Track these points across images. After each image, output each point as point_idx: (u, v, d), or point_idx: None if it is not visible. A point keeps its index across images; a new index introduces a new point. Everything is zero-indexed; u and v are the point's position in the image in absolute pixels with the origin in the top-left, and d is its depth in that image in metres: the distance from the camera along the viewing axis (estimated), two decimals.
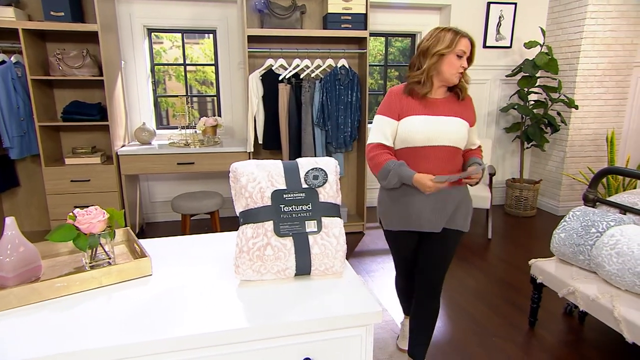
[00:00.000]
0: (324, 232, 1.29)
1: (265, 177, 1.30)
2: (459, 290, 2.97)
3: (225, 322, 1.05)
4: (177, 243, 1.57)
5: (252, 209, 1.26)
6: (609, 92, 4.43)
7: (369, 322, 1.13)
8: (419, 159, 1.83)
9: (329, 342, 1.12)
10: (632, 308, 1.92)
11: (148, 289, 1.22)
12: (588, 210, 2.26)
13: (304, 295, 1.19)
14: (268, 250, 1.23)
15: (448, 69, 1.78)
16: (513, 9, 4.57)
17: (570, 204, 4.60)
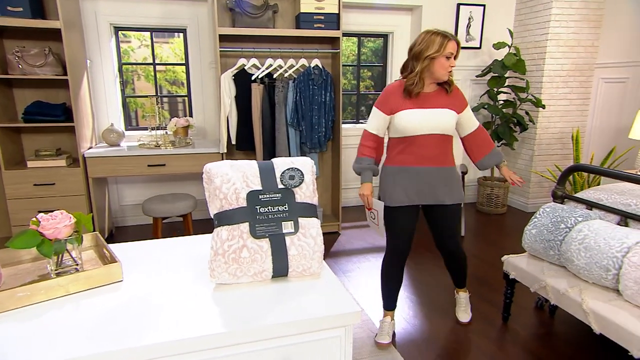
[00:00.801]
0: (301, 232, 1.27)
1: (240, 178, 1.28)
2: (433, 287, 3.01)
3: (201, 328, 1.02)
4: (148, 247, 1.52)
5: (227, 210, 1.24)
6: (574, 92, 4.59)
7: (348, 322, 1.13)
8: (411, 146, 2.18)
9: (309, 344, 1.11)
10: (599, 300, 1.99)
11: (119, 295, 1.17)
12: (557, 207, 2.33)
13: (281, 297, 1.17)
14: (244, 252, 1.21)
15: (439, 69, 2.07)
16: (482, 11, 4.67)
17: (539, 200, 4.74)
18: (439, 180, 2.22)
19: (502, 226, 4.33)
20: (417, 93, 2.12)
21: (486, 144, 2.33)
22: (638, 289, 1.86)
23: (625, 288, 1.90)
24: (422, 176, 2.20)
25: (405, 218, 2.27)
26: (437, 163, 2.21)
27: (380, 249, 3.73)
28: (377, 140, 2.27)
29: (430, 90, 2.17)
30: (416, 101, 2.13)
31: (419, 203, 2.25)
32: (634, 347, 1.80)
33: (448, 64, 2.06)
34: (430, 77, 2.12)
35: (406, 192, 2.22)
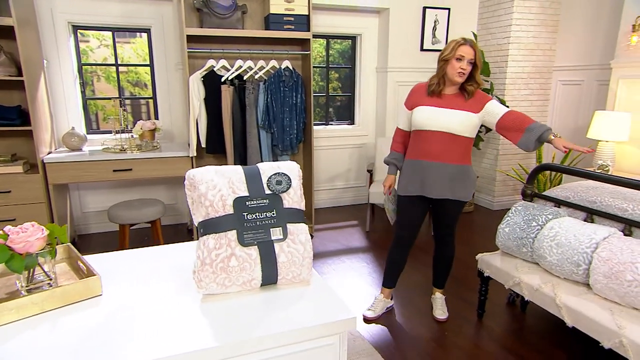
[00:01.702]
0: (289, 239, 1.24)
1: (225, 184, 1.23)
2: (409, 286, 3.04)
3: (191, 343, 0.97)
4: (126, 257, 1.45)
5: (213, 218, 1.19)
6: (534, 94, 4.78)
7: (342, 329, 1.11)
8: (421, 140, 2.35)
9: (303, 353, 1.08)
10: (571, 295, 2.06)
11: (99, 311, 1.10)
12: (528, 205, 2.40)
13: (273, 306, 1.14)
14: (232, 261, 1.17)
15: (450, 70, 2.23)
16: (447, 14, 4.78)
17: (504, 199, 4.90)
18: (443, 175, 2.31)
19: (471, 225, 4.44)
20: (438, 93, 2.31)
21: (518, 124, 2.22)
22: (607, 283, 1.94)
23: (595, 282, 1.98)
24: (426, 169, 2.34)
25: (411, 209, 2.47)
26: (442, 159, 2.30)
27: (355, 249, 3.74)
28: (405, 134, 2.51)
29: (451, 93, 2.32)
30: (435, 100, 2.32)
31: (422, 194, 2.38)
32: (604, 338, 1.88)
33: (458, 65, 2.20)
34: (447, 78, 2.27)
35: (413, 182, 2.39)
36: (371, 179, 4.39)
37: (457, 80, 2.24)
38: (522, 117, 2.24)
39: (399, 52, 4.71)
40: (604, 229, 2.07)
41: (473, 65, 2.22)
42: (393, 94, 4.80)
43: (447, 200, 2.37)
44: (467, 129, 2.28)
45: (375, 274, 3.29)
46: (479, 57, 2.23)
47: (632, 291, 1.86)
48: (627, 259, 1.89)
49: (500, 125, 2.27)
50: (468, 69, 2.21)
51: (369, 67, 4.91)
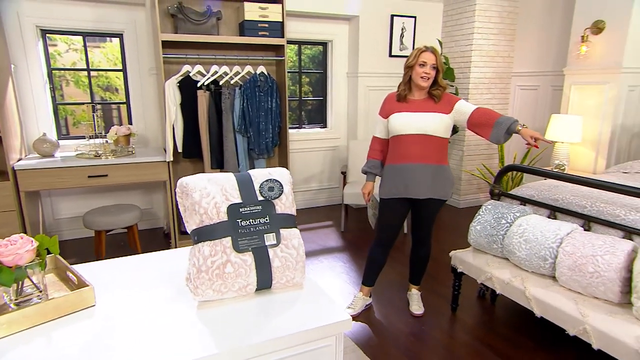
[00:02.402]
0: (283, 244, 1.24)
1: (219, 192, 1.21)
2: (386, 284, 3.08)
3: (192, 350, 0.95)
4: (114, 266, 1.40)
5: (208, 225, 1.17)
6: (495, 98, 4.94)
7: (339, 331, 1.11)
8: (400, 144, 2.40)
9: (302, 355, 1.08)
10: (539, 287, 2.15)
11: (94, 322, 1.07)
12: (497, 204, 2.49)
13: (269, 311, 1.13)
14: (228, 267, 1.15)
15: (415, 75, 2.33)
16: (413, 22, 4.88)
17: (469, 197, 5.04)
18: (424, 175, 2.37)
19: (439, 222, 4.54)
20: (406, 98, 2.39)
21: (486, 119, 2.28)
22: (571, 275, 2.03)
23: (561, 275, 2.08)
24: (408, 172, 2.38)
25: (394, 211, 2.50)
26: (422, 160, 2.36)
27: (331, 249, 3.75)
28: (382, 142, 2.56)
29: (419, 97, 2.40)
30: (406, 106, 2.39)
31: (406, 196, 2.41)
32: (569, 326, 1.97)
33: (422, 70, 2.29)
34: (414, 84, 2.36)
35: (396, 186, 2.42)
36: (345, 181, 4.42)
37: (422, 84, 2.32)
38: (489, 113, 2.31)
39: (369, 58, 4.77)
40: (567, 225, 2.16)
41: (436, 70, 2.31)
42: (364, 98, 4.85)
43: (429, 199, 2.42)
44: (441, 129, 2.35)
45: (353, 272, 3.32)
46: (440, 62, 2.32)
47: (594, 282, 1.96)
48: (588, 252, 1.98)
49: (470, 122, 2.34)
50: (432, 73, 2.30)
51: (340, 72, 4.94)
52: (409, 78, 2.37)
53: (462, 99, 2.41)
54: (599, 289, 1.95)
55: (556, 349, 2.34)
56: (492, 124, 2.26)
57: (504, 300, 2.82)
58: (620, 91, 3.65)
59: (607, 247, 1.96)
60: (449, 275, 2.80)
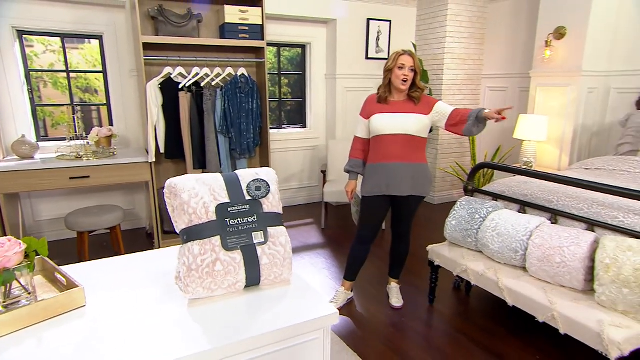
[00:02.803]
0: (270, 242, 1.24)
1: (207, 192, 1.21)
2: (366, 279, 3.11)
3: (184, 347, 0.95)
4: (102, 266, 1.38)
5: (197, 225, 1.17)
6: (467, 99, 5.05)
7: (326, 324, 1.13)
8: (382, 144, 2.44)
9: (291, 349, 1.09)
10: (511, 278, 2.21)
11: (85, 322, 1.05)
12: (471, 200, 2.55)
13: (259, 307, 1.14)
14: (218, 265, 1.15)
15: (394, 78, 2.37)
16: (389, 26, 4.93)
17: (443, 193, 5.14)
18: (405, 174, 2.40)
19: (416, 219, 4.58)
20: (387, 100, 2.44)
21: (461, 117, 2.32)
22: (540, 266, 2.11)
23: (531, 265, 2.15)
24: (390, 170, 2.41)
25: (374, 209, 2.54)
26: (402, 159, 2.40)
27: (313, 246, 3.77)
28: (363, 142, 2.57)
29: (399, 99, 2.44)
30: (387, 107, 2.43)
31: (388, 194, 2.45)
32: (539, 313, 2.04)
33: (401, 73, 2.33)
34: (394, 86, 2.40)
35: (378, 184, 2.45)
36: (325, 179, 4.44)
37: (401, 86, 2.36)
38: (463, 111, 2.37)
39: (346, 60, 4.80)
40: (536, 219, 2.24)
41: (414, 72, 2.36)
42: (342, 99, 4.88)
43: (409, 197, 2.45)
44: (420, 129, 2.40)
45: (334, 268, 3.34)
46: (417, 64, 2.36)
47: (561, 272, 2.04)
48: (556, 244, 2.06)
49: (448, 123, 2.38)
50: (410, 75, 2.35)
51: (319, 73, 4.96)
52: (388, 81, 2.41)
53: (440, 101, 2.45)
54: (565, 278, 2.03)
55: (527, 335, 2.42)
56: (465, 120, 2.32)
57: (478, 291, 2.90)
58: (581, 93, 3.79)
59: (572, 238, 2.04)
60: (426, 268, 2.86)
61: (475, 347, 2.34)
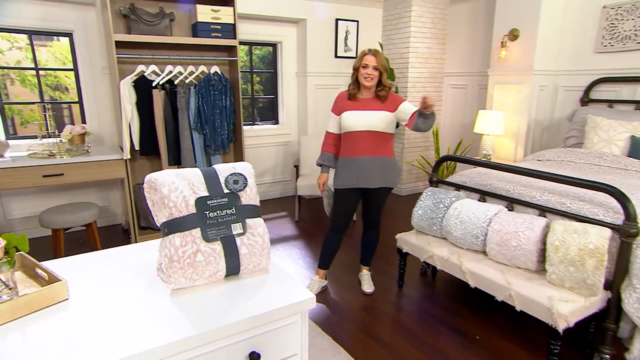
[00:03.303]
0: (249, 232, 1.26)
1: (186, 186, 1.21)
2: (339, 267, 3.16)
3: (170, 334, 0.96)
4: (80, 262, 1.36)
5: (178, 218, 1.17)
6: (431, 95, 5.16)
7: (304, 308, 1.16)
8: (352, 140, 2.49)
9: (271, 333, 1.12)
10: (473, 262, 2.31)
11: (70, 314, 1.04)
12: (436, 190, 2.64)
13: (239, 294, 1.16)
14: (199, 256, 1.16)
15: (360, 77, 2.44)
16: (356, 26, 4.98)
17: (410, 185, 5.26)
18: (374, 167, 2.47)
19: (384, 209, 4.69)
20: (356, 97, 2.49)
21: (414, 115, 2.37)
22: (499, 249, 2.21)
23: (490, 249, 2.25)
24: (360, 164, 2.47)
25: (346, 200, 2.59)
26: (371, 153, 2.47)
27: (287, 237, 3.79)
28: (335, 137, 2.61)
29: (367, 96, 2.49)
30: (356, 104, 2.49)
31: (359, 186, 2.51)
32: (498, 293, 2.15)
33: (365, 72, 2.40)
34: (362, 85, 2.45)
35: (349, 177, 2.51)
36: (297, 173, 4.46)
37: (366, 84, 2.42)
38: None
39: (316, 59, 4.82)
40: (495, 207, 2.35)
41: (378, 71, 2.40)
42: (313, 96, 4.90)
43: (379, 188, 2.52)
44: (387, 126, 2.47)
45: (308, 258, 3.38)
46: (382, 63, 2.41)
47: (517, 254, 2.15)
48: (512, 229, 2.17)
49: (410, 121, 2.42)
50: (374, 74, 2.40)
51: (290, 71, 4.96)
52: (355, 78, 2.48)
53: (406, 101, 2.50)
54: (521, 260, 2.14)
55: (488, 314, 2.54)
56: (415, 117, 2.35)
57: (444, 275, 3.01)
58: (533, 90, 3.96)
59: (526, 224, 2.15)
60: (395, 256, 2.94)
61: (441, 326, 2.44)
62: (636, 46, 3.44)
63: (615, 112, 3.42)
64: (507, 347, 2.24)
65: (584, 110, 3.63)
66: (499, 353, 2.20)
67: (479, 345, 2.26)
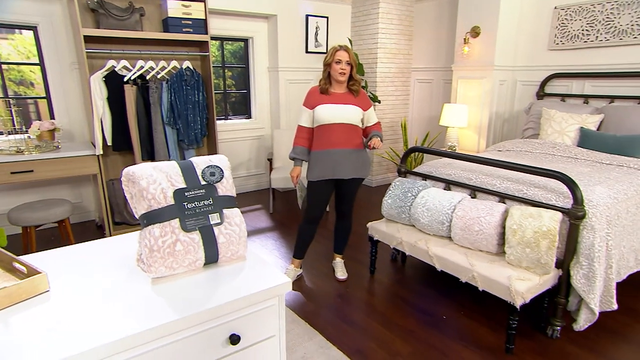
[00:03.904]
0: (226, 222, 1.29)
1: (164, 178, 1.23)
2: (314, 256, 3.22)
3: (153, 318, 0.98)
4: (57, 255, 1.35)
5: (156, 209, 1.18)
6: (398, 90, 5.28)
7: (281, 292, 1.20)
8: (326, 133, 2.53)
9: (250, 315, 1.15)
10: (438, 246, 2.42)
11: (51, 305, 1.04)
12: (404, 180, 2.73)
13: (218, 281, 1.19)
14: (178, 245, 1.18)
15: (333, 72, 2.48)
16: (326, 22, 5.01)
17: (380, 177, 5.38)
18: (348, 159, 2.54)
19: (356, 200, 4.78)
20: (328, 91, 2.53)
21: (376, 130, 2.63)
22: (462, 234, 2.32)
23: (455, 235, 2.36)
24: (334, 156, 2.53)
25: (320, 192, 2.64)
26: (345, 145, 2.53)
27: (263, 229, 3.82)
28: (308, 131, 2.62)
29: (340, 91, 2.55)
30: (329, 98, 2.52)
31: (333, 177, 2.56)
32: (462, 274, 2.26)
33: (339, 67, 2.45)
34: (333, 79, 2.50)
35: (325, 169, 2.55)
36: (271, 167, 4.47)
37: (340, 79, 2.48)
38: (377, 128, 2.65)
39: (287, 54, 4.83)
40: (459, 195, 2.46)
41: (350, 66, 2.48)
42: (285, 90, 4.91)
43: (351, 179, 2.59)
44: (358, 120, 2.56)
45: (283, 248, 3.42)
46: (353, 58, 2.49)
47: (479, 238, 2.26)
48: (474, 215, 2.28)
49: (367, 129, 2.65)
50: (347, 69, 2.47)
51: (262, 66, 4.94)
52: (328, 73, 2.52)
53: (372, 107, 2.64)
54: (483, 243, 2.26)
55: (454, 295, 2.67)
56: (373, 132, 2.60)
57: (412, 261, 3.12)
58: (494, 85, 4.12)
59: (487, 210, 2.27)
60: (366, 244, 3.02)
61: (411, 308, 2.54)
62: (583, 45, 3.64)
63: (567, 106, 3.62)
64: (471, 324, 2.37)
65: (540, 103, 3.82)
66: (464, 330, 2.32)
67: (446, 324, 2.38)
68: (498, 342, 2.21)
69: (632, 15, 3.33)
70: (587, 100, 3.64)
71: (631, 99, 3.37)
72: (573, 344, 2.19)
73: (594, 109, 3.42)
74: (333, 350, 2.14)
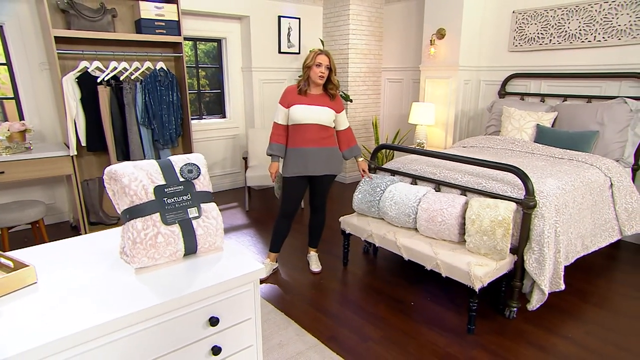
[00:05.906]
0: (204, 215, 1.39)
1: (145, 176, 1.32)
2: (289, 250, 3.33)
3: (137, 303, 1.07)
4: (40, 252, 1.41)
5: (139, 205, 1.27)
6: (370, 89, 5.45)
7: (255, 278, 1.31)
8: (300, 131, 2.66)
9: (227, 300, 1.26)
10: (406, 237, 2.57)
11: (40, 296, 1.12)
12: (373, 176, 2.87)
13: (198, 269, 1.29)
14: (159, 238, 1.27)
15: (313, 74, 2.59)
16: (298, 23, 5.11)
17: (353, 174, 5.53)
18: (321, 156, 2.67)
19: (330, 196, 4.93)
20: (306, 93, 2.64)
21: (349, 141, 2.81)
22: (427, 225, 2.49)
23: (420, 226, 2.52)
24: (308, 154, 2.65)
25: (295, 187, 2.75)
26: (318, 144, 2.67)
27: (239, 226, 3.90)
28: (283, 128, 2.72)
29: (317, 93, 2.67)
30: (305, 99, 2.63)
31: (307, 174, 2.68)
32: (427, 263, 2.42)
33: (319, 70, 2.56)
34: (312, 81, 2.62)
35: (297, 166, 2.67)
36: (246, 165, 4.55)
37: (319, 81, 2.60)
38: (353, 137, 2.84)
39: (261, 54, 4.91)
40: (424, 189, 2.62)
41: (330, 70, 2.60)
42: (259, 90, 4.99)
43: (324, 175, 2.73)
44: (331, 121, 2.69)
45: (259, 244, 3.52)
46: (333, 63, 2.63)
47: (442, 229, 2.43)
48: (437, 207, 2.45)
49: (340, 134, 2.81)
50: (326, 73, 2.59)
51: (235, 66, 5.00)
52: (307, 76, 2.61)
53: (344, 111, 2.77)
54: (445, 233, 2.43)
55: (421, 282, 2.84)
56: (351, 147, 2.82)
57: (383, 253, 3.28)
58: (459, 84, 4.34)
59: (449, 202, 2.44)
60: (339, 237, 3.15)
61: (381, 296, 2.69)
62: (539, 47, 3.90)
63: (525, 104, 3.86)
64: (436, 309, 2.54)
65: (501, 102, 4.05)
66: (430, 314, 2.49)
67: (414, 310, 2.54)
68: (461, 324, 2.38)
69: (579, 22, 3.60)
70: (544, 99, 3.89)
71: (581, 97, 3.64)
72: (528, 322, 2.39)
73: (549, 107, 3.67)
74: (308, 336, 2.26)
